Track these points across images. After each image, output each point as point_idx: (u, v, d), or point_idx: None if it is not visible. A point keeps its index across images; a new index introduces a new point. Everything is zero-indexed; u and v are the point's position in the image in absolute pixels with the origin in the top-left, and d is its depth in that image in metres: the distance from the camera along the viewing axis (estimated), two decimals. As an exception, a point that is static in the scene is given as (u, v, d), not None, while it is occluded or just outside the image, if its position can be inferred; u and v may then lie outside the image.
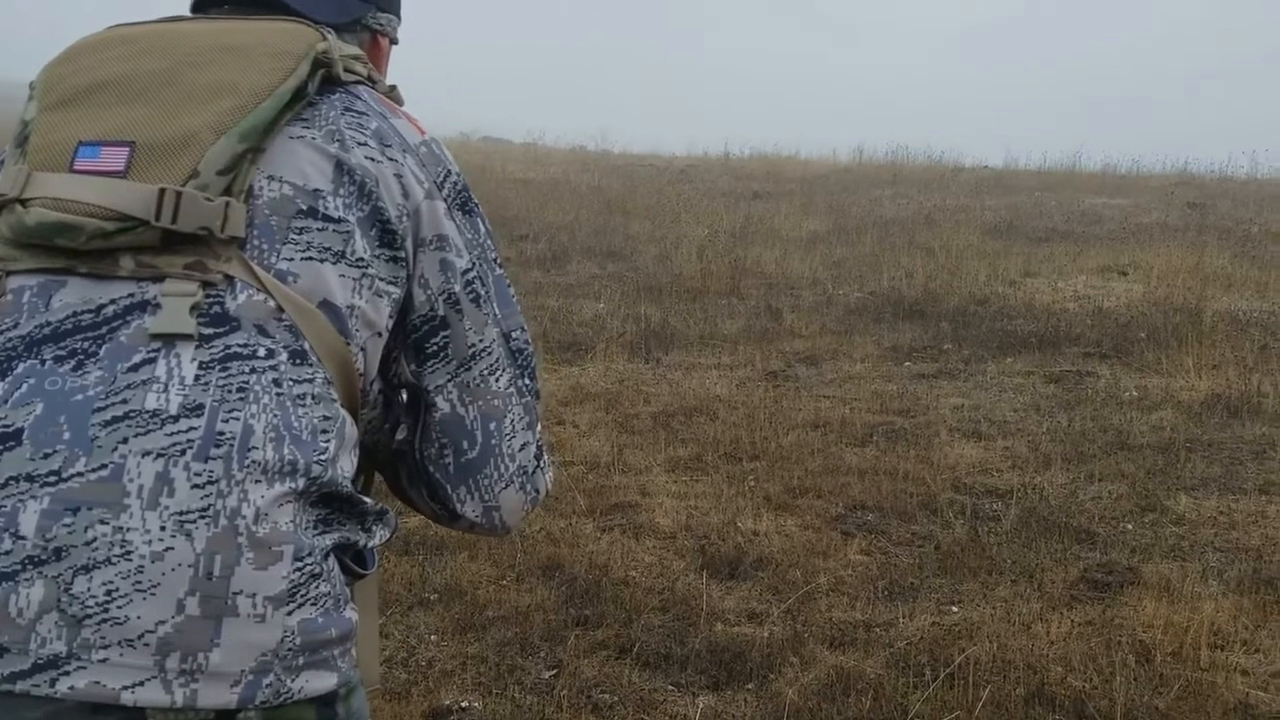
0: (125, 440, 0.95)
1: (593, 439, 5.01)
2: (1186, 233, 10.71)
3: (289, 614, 0.97)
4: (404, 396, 1.22)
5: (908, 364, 6.44)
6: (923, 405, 5.58)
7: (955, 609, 3.41)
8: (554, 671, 3.02)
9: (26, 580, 0.91)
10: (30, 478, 0.94)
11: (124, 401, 0.96)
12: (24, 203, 1.01)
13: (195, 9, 1.27)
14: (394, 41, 1.41)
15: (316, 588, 1.00)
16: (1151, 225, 11.31)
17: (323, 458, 1.02)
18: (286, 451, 0.99)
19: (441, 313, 1.17)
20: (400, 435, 1.22)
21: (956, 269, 8.89)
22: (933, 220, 11.57)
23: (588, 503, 4.18)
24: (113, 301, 1.00)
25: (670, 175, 16.38)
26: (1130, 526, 4.07)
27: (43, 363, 0.98)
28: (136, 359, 0.98)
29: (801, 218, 11.85)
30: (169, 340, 0.99)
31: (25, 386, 0.97)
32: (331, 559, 1.04)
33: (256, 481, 0.97)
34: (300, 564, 0.99)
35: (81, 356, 0.98)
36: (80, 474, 0.94)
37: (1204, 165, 17.08)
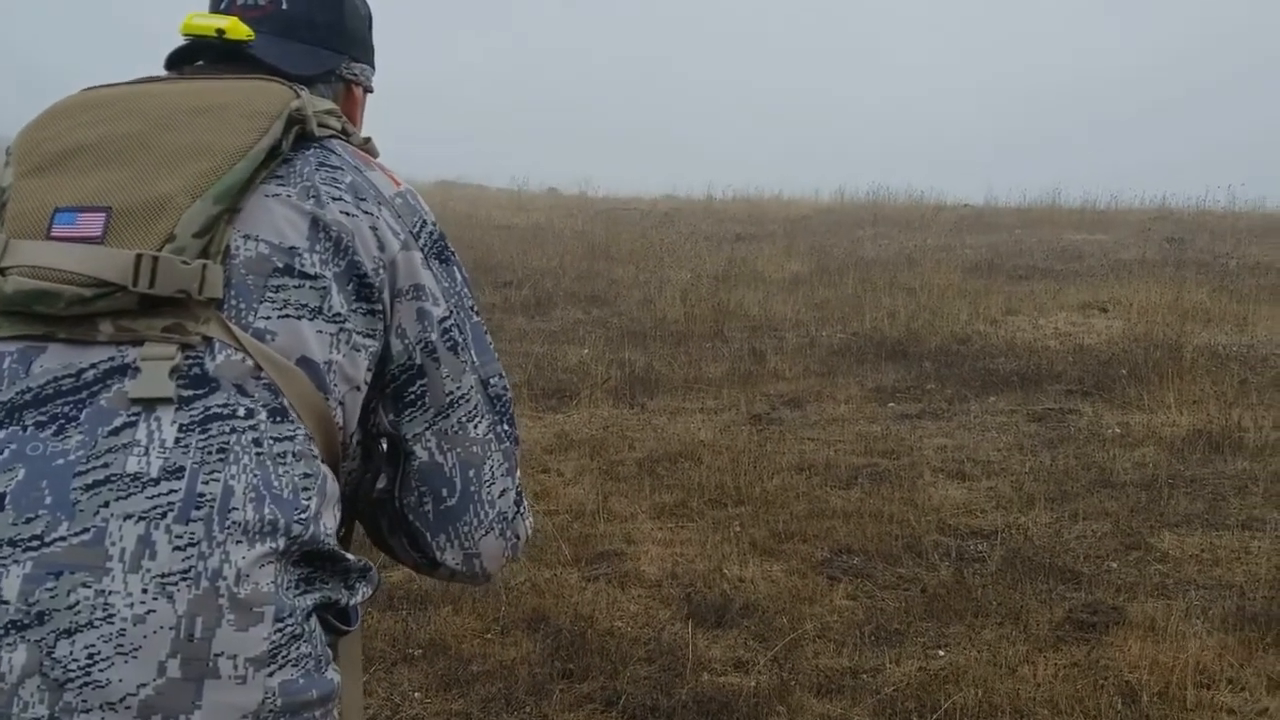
0: (107, 504, 0.96)
1: (578, 487, 5.00)
2: (1165, 268, 10.80)
3: (270, 675, 0.98)
4: (383, 446, 1.23)
5: (891, 405, 6.46)
6: (906, 446, 5.59)
7: (942, 653, 3.41)
8: (539, 726, 2.99)
9: (9, 645, 0.92)
10: (13, 542, 0.95)
11: (105, 465, 0.97)
12: (3, 271, 1.02)
13: (169, 65, 1.28)
14: (368, 90, 1.42)
15: (298, 649, 1.01)
16: (1131, 261, 11.40)
17: (303, 516, 1.03)
18: (267, 511, 1.00)
19: (419, 361, 1.18)
20: (380, 485, 1.23)
21: (938, 308, 8.94)
22: (914, 260, 11.64)
23: (573, 552, 4.17)
24: (93, 366, 1.01)
25: (653, 219, 16.46)
26: (1115, 565, 4.08)
27: (24, 428, 0.99)
28: (117, 423, 0.99)
29: (784, 259, 11.91)
30: (149, 404, 1.00)
31: (7, 452, 0.98)
32: (313, 619, 1.05)
33: (238, 542, 0.98)
34: (281, 625, 1.00)
35: (63, 421, 0.99)
36: (63, 538, 0.95)
37: (1182, 199, 17.29)
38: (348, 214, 1.13)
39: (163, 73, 1.28)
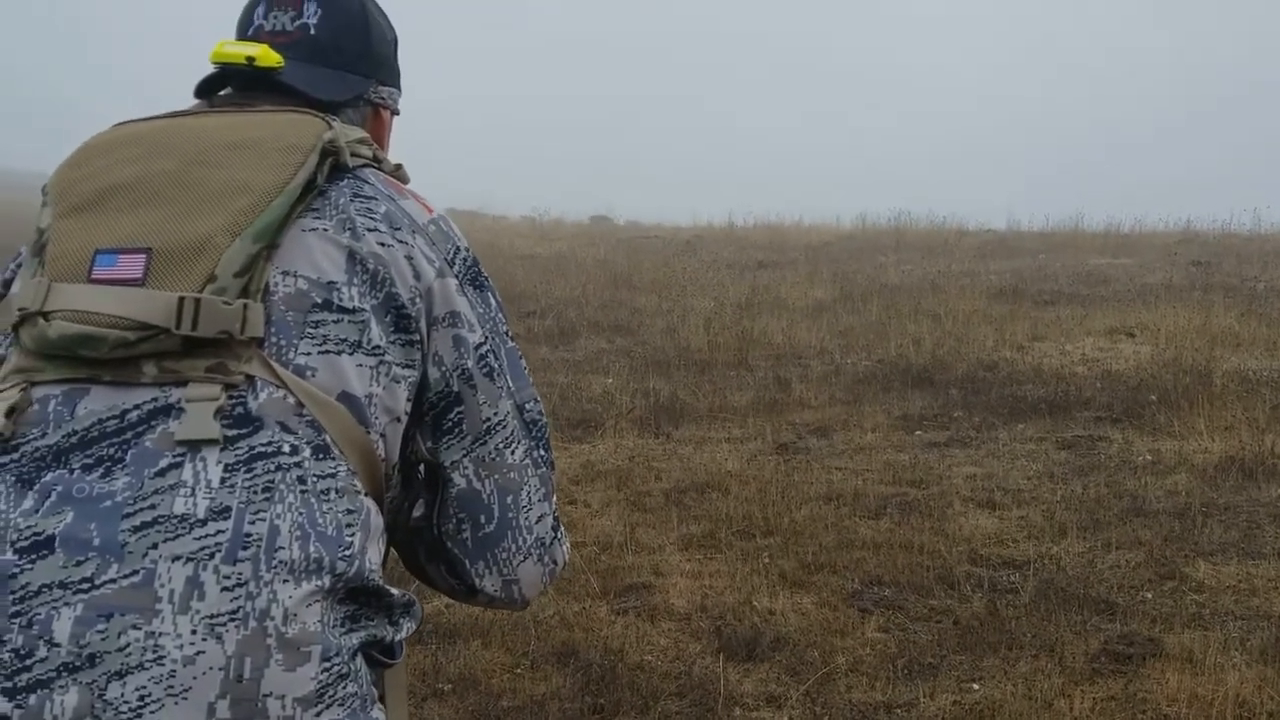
0: (155, 545, 0.96)
1: (604, 518, 4.99)
2: (1192, 292, 10.72)
3: (317, 715, 0.99)
4: (421, 473, 1.24)
5: (919, 433, 6.43)
6: (935, 475, 5.55)
7: (976, 686, 3.37)
8: (571, 762, 2.98)
9: (61, 687, 0.93)
10: (63, 585, 0.95)
11: (152, 507, 0.98)
12: (46, 315, 1.03)
13: (199, 94, 1.29)
14: (395, 113, 1.43)
15: (344, 688, 1.01)
16: (1157, 285, 11.33)
17: (348, 553, 1.03)
18: (312, 549, 1.01)
19: (456, 389, 1.18)
20: (418, 512, 1.24)
21: (964, 335, 8.90)
22: (938, 286, 11.61)
23: (601, 584, 4.15)
24: (137, 407, 1.02)
25: (675, 247, 16.50)
26: (1150, 595, 4.03)
27: (71, 471, 1.00)
28: (163, 464, 1.00)
29: (807, 286, 11.90)
30: (194, 444, 1.00)
31: (54, 495, 0.99)
32: (359, 659, 1.05)
33: (284, 581, 0.98)
34: (328, 664, 1.00)
35: (109, 463, 1.00)
36: (113, 580, 0.95)
37: (1207, 221, 17.20)
38: (384, 245, 1.13)
39: (194, 102, 1.28)
